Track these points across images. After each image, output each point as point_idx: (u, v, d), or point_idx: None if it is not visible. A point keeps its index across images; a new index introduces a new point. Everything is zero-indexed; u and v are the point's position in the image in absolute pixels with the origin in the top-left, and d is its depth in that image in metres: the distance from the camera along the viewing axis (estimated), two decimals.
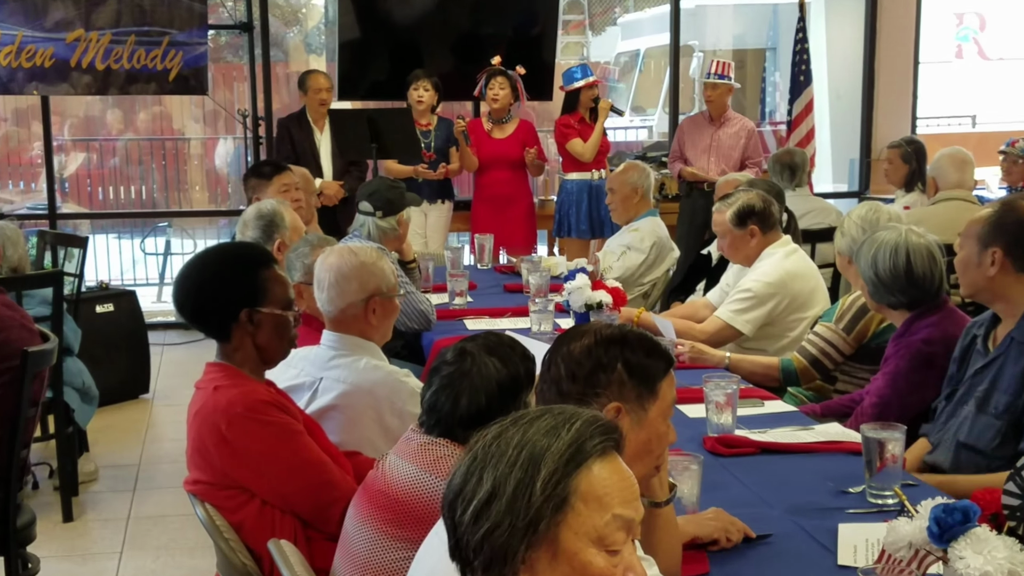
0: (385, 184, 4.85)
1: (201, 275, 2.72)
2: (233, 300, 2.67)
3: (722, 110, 7.65)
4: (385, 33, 8.12)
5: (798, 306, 4.28)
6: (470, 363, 2.30)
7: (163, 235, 10.90)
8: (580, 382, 2.05)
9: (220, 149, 12.95)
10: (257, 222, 4.30)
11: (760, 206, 4.36)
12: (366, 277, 3.17)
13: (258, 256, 2.77)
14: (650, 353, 2.09)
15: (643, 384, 2.06)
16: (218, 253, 2.84)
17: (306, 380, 3.13)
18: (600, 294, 4.29)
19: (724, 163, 7.59)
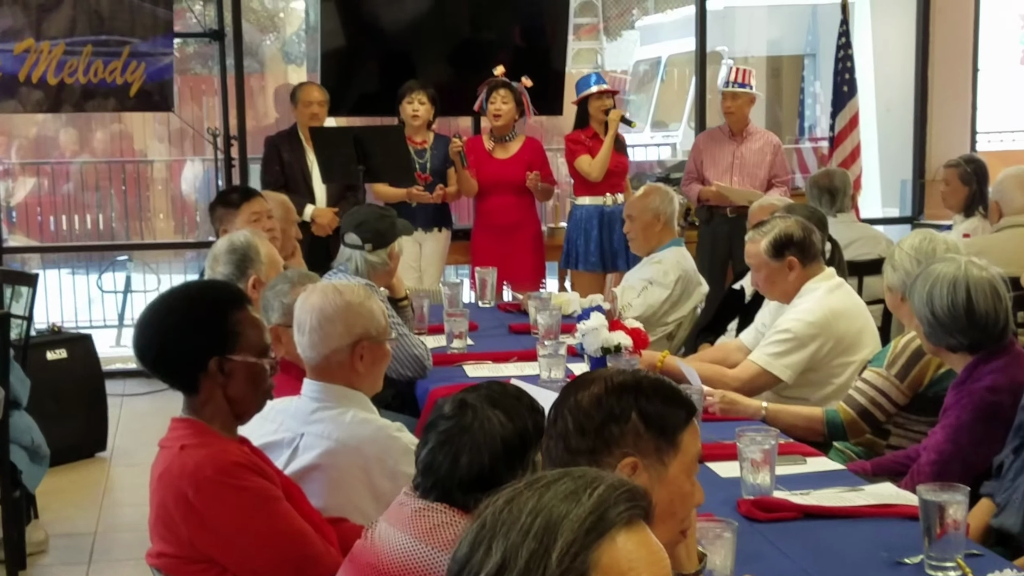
0: (374, 213, 4.86)
1: (165, 319, 2.72)
2: (201, 347, 2.67)
3: (743, 123, 7.69)
4: (374, 40, 8.17)
5: (844, 349, 4.27)
6: (471, 417, 2.30)
7: (123, 270, 10.92)
8: (590, 436, 2.06)
9: (187, 173, 13.01)
10: (229, 256, 4.30)
11: (800, 235, 4.36)
12: (353, 319, 3.18)
13: (229, 296, 2.78)
14: (668, 400, 2.10)
15: (661, 435, 2.06)
16: (184, 293, 2.84)
17: (285, 436, 3.13)
18: (618, 335, 4.29)
19: (749, 182, 7.62)
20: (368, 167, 6.67)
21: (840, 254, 4.96)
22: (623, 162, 7.48)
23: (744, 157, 7.64)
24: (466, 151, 7.24)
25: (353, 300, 3.21)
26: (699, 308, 5.75)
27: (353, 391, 3.18)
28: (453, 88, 7.92)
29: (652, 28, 15.07)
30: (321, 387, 3.16)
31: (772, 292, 4.49)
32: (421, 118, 7.29)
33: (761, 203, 5.66)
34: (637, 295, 5.53)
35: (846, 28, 8.75)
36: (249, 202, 5.06)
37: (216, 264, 4.33)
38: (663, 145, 13.75)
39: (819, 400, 4.23)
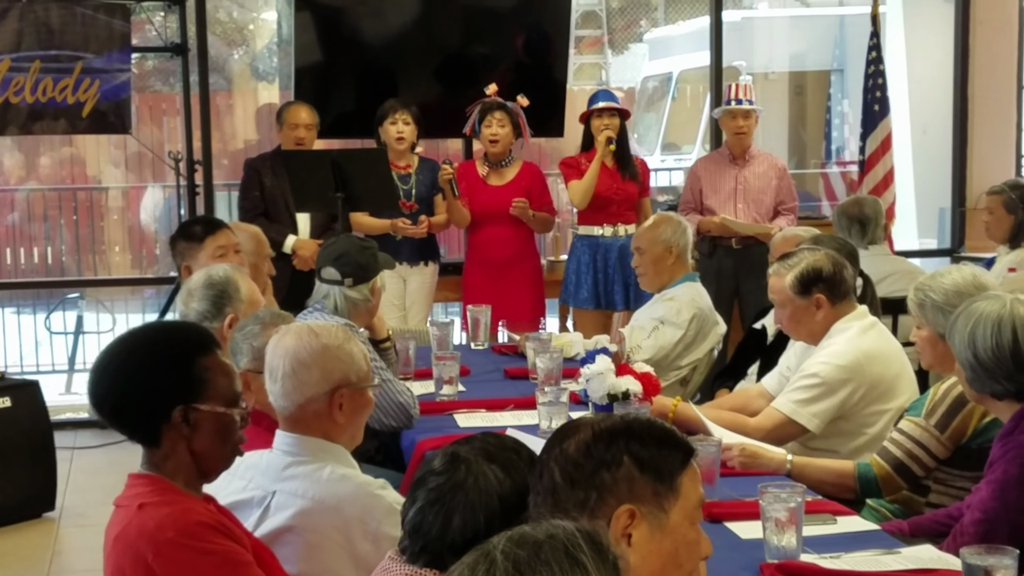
0: (354, 244, 4.87)
1: (124, 362, 2.72)
2: (164, 395, 2.67)
3: (748, 144, 7.74)
4: (352, 54, 8.20)
5: (878, 395, 4.27)
6: (464, 473, 2.30)
7: (74, 309, 10.92)
8: (581, 486, 2.09)
9: (146, 201, 13.02)
10: (205, 291, 4.32)
11: (829, 269, 4.37)
12: (331, 364, 3.18)
13: (196, 339, 2.78)
14: (663, 443, 2.13)
15: (659, 480, 2.09)
16: (146, 335, 2.84)
17: (255, 494, 3.13)
18: (626, 381, 4.29)
19: (755, 210, 7.65)
20: (347, 194, 6.67)
21: (873, 290, 4.98)
22: (628, 189, 7.41)
23: (748, 182, 7.67)
24: (457, 178, 7.25)
25: (331, 343, 3.21)
26: (716, 350, 5.75)
27: (331, 444, 3.18)
28: (440, 107, 7.95)
29: (662, 41, 15.15)
30: (295, 439, 3.16)
31: (798, 332, 4.49)
32: (406, 140, 7.31)
33: (785, 234, 5.68)
34: (647, 336, 5.54)
35: (877, 41, 8.79)
36: (214, 235, 5.07)
37: (191, 300, 4.34)
38: (675, 170, 13.78)
39: (850, 452, 4.23)
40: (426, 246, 7.48)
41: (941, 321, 3.79)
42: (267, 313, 3.89)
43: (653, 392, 4.36)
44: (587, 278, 7.38)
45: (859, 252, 5.16)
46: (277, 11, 14.04)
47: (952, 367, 3.63)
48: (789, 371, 4.62)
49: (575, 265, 7.43)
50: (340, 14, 8.20)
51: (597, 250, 7.39)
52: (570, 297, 7.46)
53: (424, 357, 5.44)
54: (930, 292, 3.97)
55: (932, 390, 3.90)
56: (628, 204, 7.46)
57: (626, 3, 16.80)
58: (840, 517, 3.43)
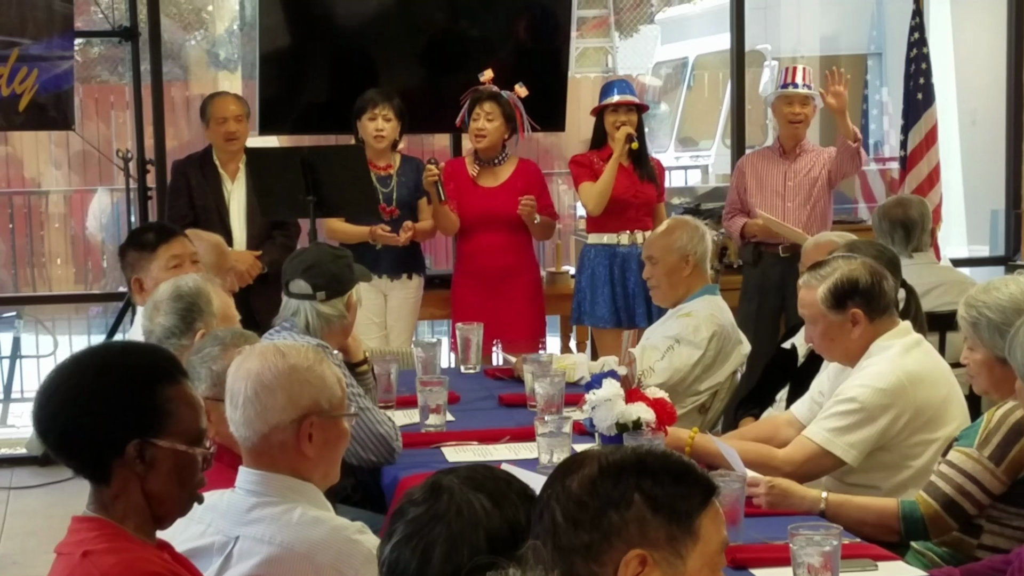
0: (327, 254, 4.87)
1: (76, 386, 2.70)
2: (118, 426, 2.66)
3: (803, 135, 7.73)
4: (325, 39, 8.21)
5: (924, 423, 4.27)
6: (447, 502, 2.29)
7: (9, 330, 10.92)
8: (585, 528, 2.09)
9: (92, 207, 13.02)
10: (173, 304, 4.33)
11: (867, 280, 4.37)
12: (298, 387, 3.17)
13: (160, 365, 2.77)
14: (679, 479, 2.13)
15: (673, 521, 2.09)
16: (103, 356, 2.83)
17: (215, 540, 3.12)
18: (637, 408, 4.28)
19: (808, 208, 7.64)
20: (320, 198, 6.67)
21: (917, 304, 4.97)
22: (646, 192, 7.41)
23: (799, 178, 7.66)
24: (444, 179, 7.22)
25: (299, 363, 3.20)
26: (739, 373, 5.75)
27: (301, 482, 3.17)
28: (426, 98, 7.95)
29: (676, 22, 15.20)
30: (260, 477, 3.15)
31: (832, 352, 4.49)
32: (386, 138, 7.30)
33: (817, 240, 5.68)
34: (661, 357, 5.53)
35: (920, 21, 8.78)
36: (168, 243, 5.07)
37: (156, 314, 4.35)
38: (691, 168, 13.81)
39: (893, 488, 4.22)
40: (409, 256, 7.47)
41: (999, 342, 3.78)
42: (227, 333, 3.88)
43: (668, 421, 4.35)
44: (604, 292, 7.36)
45: (902, 260, 5.16)
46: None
47: (1011, 392, 3.63)
48: (822, 396, 4.61)
49: (588, 279, 7.41)
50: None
51: (614, 261, 7.38)
52: (585, 315, 7.44)
53: (407, 382, 5.42)
54: (984, 309, 3.96)
55: (985, 417, 3.90)
56: (647, 208, 7.45)
57: None
58: (882, 563, 3.43)
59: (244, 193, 7.44)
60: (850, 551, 3.38)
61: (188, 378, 2.80)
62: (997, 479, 3.80)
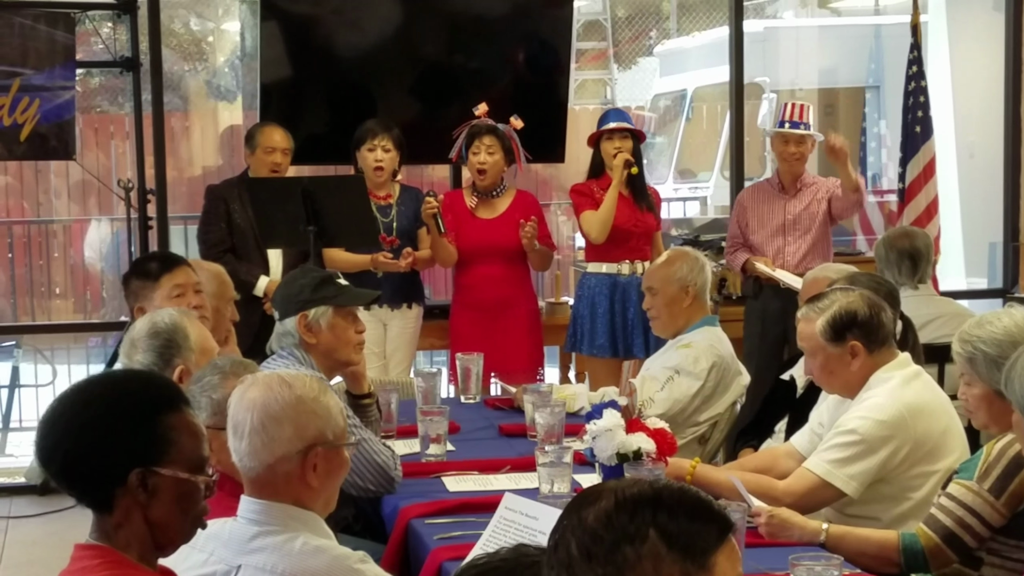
0: (293, 275, 4.92)
1: (78, 415, 2.71)
2: (120, 455, 2.66)
3: (801, 171, 7.75)
4: (325, 70, 8.24)
5: (924, 455, 4.27)
6: None
7: (8, 359, 10.90)
8: (599, 562, 2.06)
9: (91, 237, 13.02)
10: (150, 341, 4.32)
11: (865, 312, 4.37)
12: (305, 418, 3.17)
13: (163, 393, 2.78)
14: (696, 514, 2.10)
15: (689, 558, 2.06)
16: (105, 384, 2.84)
17: (217, 569, 3.11)
18: (638, 439, 4.27)
19: (807, 245, 7.65)
20: (320, 228, 6.68)
21: (915, 335, 4.97)
22: (646, 221, 7.42)
23: (798, 215, 7.68)
24: (443, 210, 7.23)
25: (305, 394, 3.20)
26: (739, 403, 5.74)
27: (303, 511, 3.17)
28: (423, 129, 7.97)
29: (675, 55, 15.22)
30: (263, 506, 3.14)
31: (832, 384, 4.48)
32: (385, 169, 7.32)
33: (815, 274, 5.68)
34: (660, 388, 5.53)
35: (918, 54, 8.81)
36: (171, 272, 5.08)
37: (134, 351, 4.34)
38: (690, 200, 13.82)
39: (894, 520, 4.22)
40: (409, 286, 7.48)
41: (996, 376, 3.79)
42: (227, 361, 3.88)
43: (668, 452, 4.34)
44: (603, 322, 7.35)
45: (904, 292, 5.16)
46: (240, 21, 14.08)
47: (1010, 425, 3.63)
48: (822, 428, 4.60)
49: (588, 307, 7.40)
50: (311, 24, 8.23)
51: (615, 290, 7.37)
52: (582, 344, 7.43)
53: (407, 412, 5.42)
54: (979, 344, 3.98)
55: (985, 449, 3.90)
56: (647, 237, 7.46)
57: (633, 12, 16.86)
58: None
59: None
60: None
61: (190, 406, 2.80)
62: (997, 512, 3.80)
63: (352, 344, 4.82)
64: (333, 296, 4.78)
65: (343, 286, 4.85)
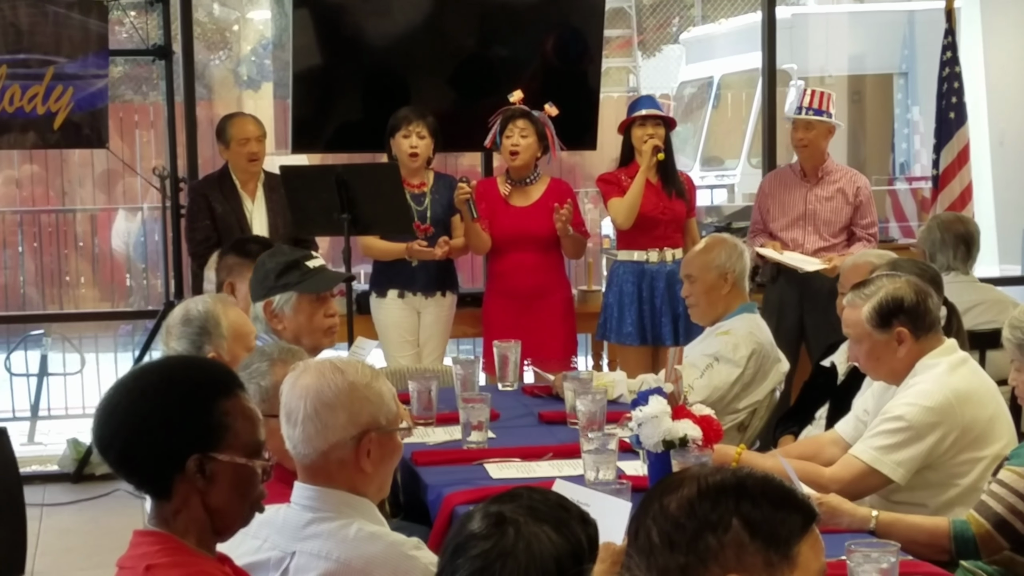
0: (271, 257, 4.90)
1: (135, 403, 2.72)
2: (178, 442, 2.68)
3: (819, 160, 7.71)
4: (357, 59, 8.22)
5: (972, 441, 4.26)
6: (513, 537, 2.28)
7: (37, 347, 10.92)
8: (681, 550, 2.05)
9: (119, 225, 13.05)
10: (183, 329, 4.38)
11: (912, 299, 4.36)
12: (358, 405, 3.18)
13: (218, 379, 2.79)
14: (780, 503, 2.09)
15: (772, 546, 2.05)
16: (160, 372, 2.85)
17: (271, 555, 3.12)
18: (684, 425, 4.26)
19: (828, 233, 7.63)
20: (354, 216, 6.68)
21: (959, 321, 4.96)
22: (675, 209, 7.39)
23: (819, 203, 7.65)
24: (476, 198, 7.23)
25: (358, 380, 3.21)
26: (778, 391, 5.74)
27: (357, 497, 3.19)
28: (456, 117, 7.95)
29: (701, 42, 15.20)
30: (317, 492, 3.16)
31: (877, 371, 4.48)
32: (420, 155, 7.31)
33: (856, 260, 5.67)
34: (700, 375, 5.52)
35: (952, 40, 8.77)
36: None
37: (170, 339, 4.41)
38: (717, 187, 13.80)
39: (941, 507, 4.22)
40: (444, 274, 7.48)
41: None
42: (274, 348, 3.92)
43: (715, 438, 4.32)
44: (631, 310, 7.34)
45: (951, 277, 5.14)
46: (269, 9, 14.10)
47: None
48: (867, 415, 4.60)
49: (616, 296, 7.40)
50: (343, 12, 8.22)
51: (643, 278, 7.36)
52: (611, 332, 7.43)
53: (446, 399, 5.43)
54: None
55: None
56: (676, 225, 7.43)
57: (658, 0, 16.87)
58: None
59: (264, 212, 7.49)
60: (904, 568, 3.36)
61: (245, 391, 2.81)
62: None
63: (321, 330, 4.82)
64: (296, 282, 4.77)
65: (309, 270, 4.82)
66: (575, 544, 2.30)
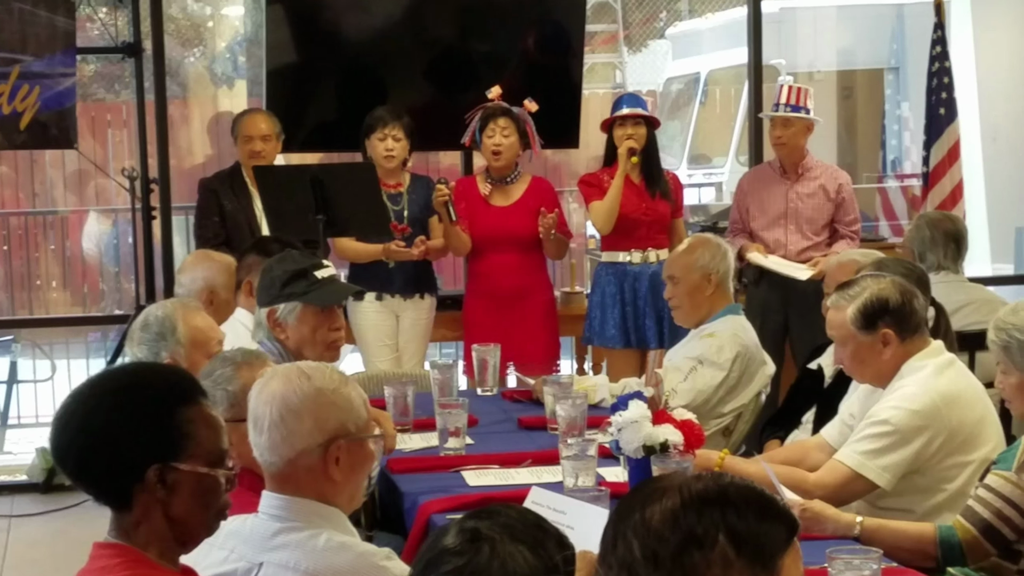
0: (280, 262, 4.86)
1: (93, 411, 2.71)
2: (138, 451, 2.67)
3: (798, 157, 7.72)
4: (333, 55, 8.22)
5: (959, 445, 4.27)
6: (488, 555, 2.28)
7: (6, 354, 10.90)
8: (665, 566, 2.03)
9: (90, 228, 13.03)
10: (142, 334, 4.42)
11: (897, 299, 4.36)
12: (325, 411, 3.16)
13: (179, 385, 2.78)
14: (763, 514, 2.07)
15: (757, 561, 2.04)
16: (120, 378, 2.85)
17: (238, 567, 3.12)
18: (665, 430, 4.27)
19: (811, 231, 7.64)
20: (330, 217, 6.67)
21: (947, 322, 4.97)
22: (658, 209, 7.36)
23: (800, 201, 7.66)
24: (455, 198, 7.22)
25: (325, 386, 3.20)
26: (764, 394, 5.74)
27: (326, 507, 3.17)
28: (434, 114, 7.94)
29: (688, 37, 15.22)
30: (285, 501, 3.15)
31: (863, 373, 4.48)
32: (396, 157, 7.30)
33: (840, 260, 5.67)
34: (683, 378, 5.52)
35: (942, 34, 8.79)
36: None
37: (132, 344, 4.47)
38: (705, 186, 13.81)
39: (928, 512, 4.22)
40: (422, 275, 7.47)
41: None
42: (239, 352, 3.90)
43: (696, 443, 4.33)
44: (614, 312, 7.34)
45: (934, 278, 5.15)
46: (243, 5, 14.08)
47: None
48: (853, 419, 4.60)
49: (599, 298, 7.40)
50: (318, 7, 8.23)
51: (625, 280, 7.35)
52: (594, 335, 7.44)
53: (422, 405, 5.43)
54: (1015, 332, 4.00)
55: (1023, 439, 3.89)
56: (659, 226, 7.41)
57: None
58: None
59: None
60: (887, 575, 3.37)
61: (207, 398, 2.80)
62: None
63: (324, 343, 4.75)
64: (303, 292, 4.71)
65: (317, 280, 4.75)
66: (550, 567, 2.29)
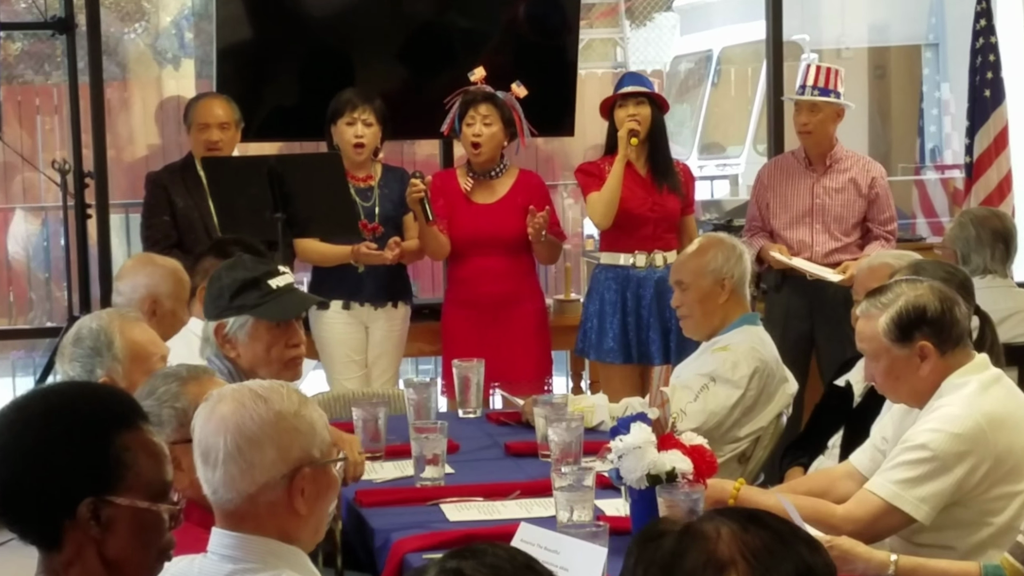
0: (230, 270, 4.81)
1: (17, 437, 2.71)
2: (68, 483, 2.66)
3: (826, 147, 7.72)
4: (294, 32, 8.23)
5: (1006, 473, 4.27)
6: None
7: None
8: None
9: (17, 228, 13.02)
10: (74, 350, 4.41)
11: (936, 308, 4.36)
12: (287, 437, 3.15)
13: (115, 409, 2.78)
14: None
15: None
16: (48, 401, 2.83)
17: None
18: (672, 457, 4.26)
19: (839, 230, 7.64)
20: (290, 215, 6.68)
21: (993, 333, 4.96)
22: (667, 204, 7.37)
23: (828, 196, 7.66)
24: (432, 194, 7.20)
25: (285, 409, 3.18)
26: (785, 416, 5.74)
27: (286, 546, 3.16)
28: (409, 99, 7.97)
29: (698, 10, 15.24)
30: (238, 540, 3.14)
31: (897, 392, 4.47)
32: (367, 146, 7.30)
33: (872, 263, 5.69)
34: (693, 398, 5.52)
35: (987, 7, 8.81)
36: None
37: (63, 360, 4.46)
38: (718, 178, 13.83)
39: (971, 549, 4.22)
40: (395, 281, 7.47)
41: None
42: (181, 368, 3.90)
43: (708, 472, 4.33)
44: (613, 322, 7.33)
45: (978, 283, 5.15)
46: None
47: None
48: (886, 443, 4.60)
49: (597, 305, 7.39)
50: None
51: (626, 285, 7.33)
52: (590, 348, 7.42)
53: (396, 429, 5.43)
54: None
55: None
56: (668, 224, 7.39)
57: None
58: None
59: None
60: None
61: (148, 422, 2.80)
62: None
63: (281, 362, 4.69)
64: (254, 305, 4.64)
65: (271, 290, 4.68)
66: None
